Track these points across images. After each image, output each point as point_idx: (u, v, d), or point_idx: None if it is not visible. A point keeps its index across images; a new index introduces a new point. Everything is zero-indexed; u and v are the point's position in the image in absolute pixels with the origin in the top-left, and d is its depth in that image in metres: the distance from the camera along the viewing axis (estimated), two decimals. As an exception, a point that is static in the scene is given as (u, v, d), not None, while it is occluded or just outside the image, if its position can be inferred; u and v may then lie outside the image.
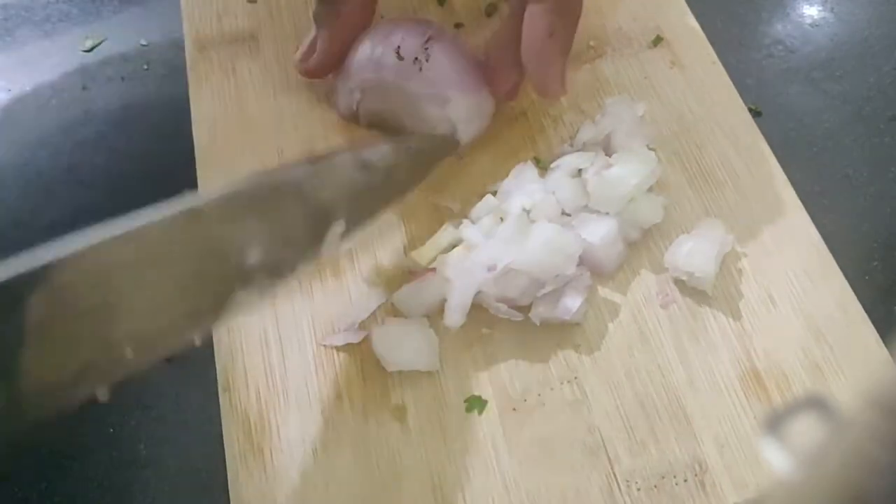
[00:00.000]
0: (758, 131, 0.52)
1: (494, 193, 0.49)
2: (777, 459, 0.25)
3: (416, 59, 0.48)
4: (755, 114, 0.54)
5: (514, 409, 0.43)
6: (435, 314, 0.46)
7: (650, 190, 0.48)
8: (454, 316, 0.45)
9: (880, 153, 0.56)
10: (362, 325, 0.46)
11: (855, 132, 0.57)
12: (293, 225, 0.36)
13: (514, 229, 0.46)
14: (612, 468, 0.42)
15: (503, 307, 0.44)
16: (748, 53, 0.60)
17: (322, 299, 0.47)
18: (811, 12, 0.63)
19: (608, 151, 0.50)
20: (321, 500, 0.41)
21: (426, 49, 0.48)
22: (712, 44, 0.56)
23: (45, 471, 0.48)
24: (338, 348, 0.45)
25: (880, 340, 0.44)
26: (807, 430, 0.25)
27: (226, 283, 0.33)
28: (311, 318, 0.46)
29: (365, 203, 0.41)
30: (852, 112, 0.58)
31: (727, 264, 0.47)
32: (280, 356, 0.45)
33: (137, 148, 0.59)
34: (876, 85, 0.59)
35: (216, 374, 0.45)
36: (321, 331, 0.46)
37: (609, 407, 0.43)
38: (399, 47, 0.48)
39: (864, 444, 0.22)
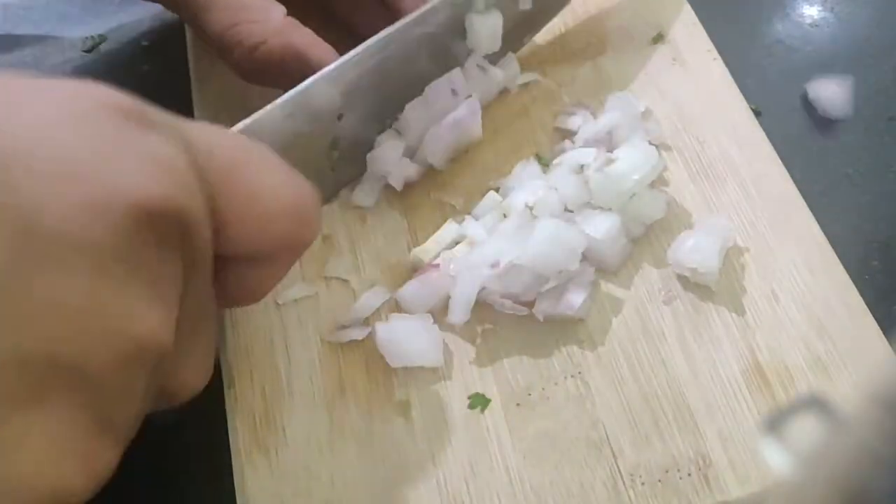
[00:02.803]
0: (758, 127, 0.52)
1: (497, 190, 0.50)
2: (777, 459, 0.25)
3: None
4: (755, 113, 0.54)
5: (518, 405, 0.43)
6: (439, 310, 0.46)
7: (652, 186, 0.48)
8: (458, 312, 0.45)
9: (880, 153, 0.56)
10: (366, 322, 0.46)
11: (855, 132, 0.57)
12: None
13: (517, 225, 0.46)
14: (616, 462, 0.42)
15: (508, 303, 0.45)
16: (748, 53, 0.60)
17: (326, 296, 0.47)
18: (811, 12, 0.63)
19: (610, 147, 0.50)
20: (326, 496, 0.41)
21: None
22: (712, 43, 0.56)
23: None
24: (342, 345, 0.45)
25: (882, 335, 0.45)
26: (807, 429, 0.25)
27: None
28: (315, 315, 0.46)
29: None
30: (852, 112, 0.58)
31: (729, 259, 0.47)
32: (285, 353, 0.45)
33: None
34: (876, 85, 0.59)
35: (220, 372, 0.45)
36: (325, 328, 0.46)
37: (613, 402, 0.43)
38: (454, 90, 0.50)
39: (867, 440, 0.22)
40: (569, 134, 0.52)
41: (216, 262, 0.31)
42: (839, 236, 0.48)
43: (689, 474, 0.41)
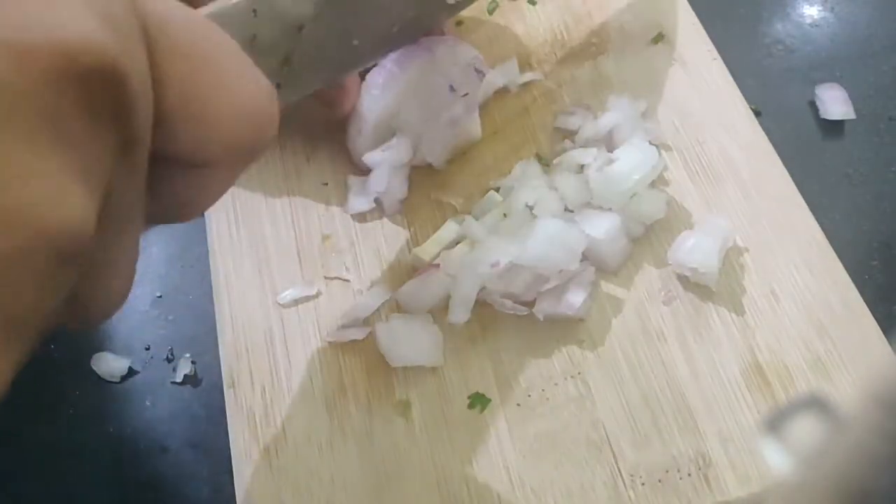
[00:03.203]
0: (758, 126, 0.52)
1: (497, 190, 0.50)
2: (777, 459, 0.25)
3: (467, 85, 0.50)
4: (755, 113, 0.54)
5: (519, 405, 0.43)
6: (439, 310, 0.46)
7: (652, 185, 0.48)
8: (458, 312, 0.45)
9: (880, 153, 0.56)
10: (366, 322, 0.46)
11: (854, 132, 0.57)
12: None
13: (518, 225, 0.46)
14: (616, 463, 0.42)
15: (508, 303, 0.45)
16: (748, 53, 0.61)
17: (326, 296, 0.47)
18: (811, 12, 0.63)
19: (610, 147, 0.50)
20: (326, 496, 0.41)
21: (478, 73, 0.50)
22: (712, 43, 0.56)
23: (45, 471, 0.48)
24: (342, 345, 0.45)
25: (882, 334, 0.45)
26: (807, 429, 0.25)
27: None
28: (315, 315, 0.46)
29: None
30: (852, 112, 0.58)
31: (729, 259, 0.47)
32: (285, 353, 0.45)
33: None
34: (875, 85, 0.59)
35: (221, 373, 0.45)
36: (326, 328, 0.46)
37: (613, 402, 0.43)
38: (451, 85, 0.49)
39: (866, 438, 0.22)
40: (569, 134, 0.52)
41: (149, 164, 0.26)
42: (839, 236, 0.48)
43: (689, 474, 0.41)
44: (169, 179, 0.28)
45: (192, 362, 0.49)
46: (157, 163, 0.26)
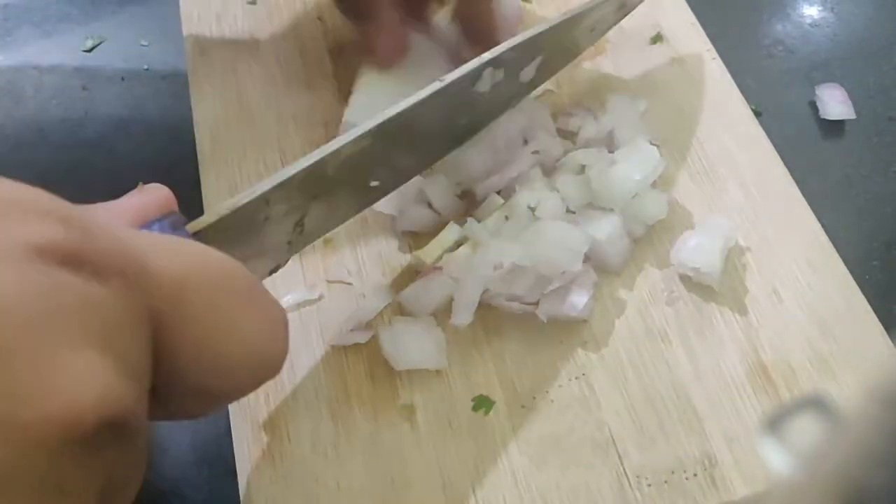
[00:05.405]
0: (758, 126, 0.52)
1: (499, 192, 0.49)
2: (777, 459, 0.25)
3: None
4: (755, 113, 0.54)
5: (523, 407, 0.43)
6: (442, 313, 0.46)
7: (654, 186, 0.48)
8: (461, 314, 0.44)
9: (880, 153, 0.57)
10: (369, 325, 0.46)
11: (854, 132, 0.57)
12: None
13: (520, 227, 0.46)
14: (622, 464, 0.42)
15: (516, 304, 0.44)
16: (748, 53, 0.61)
17: (329, 300, 0.47)
18: (811, 12, 0.63)
19: (611, 148, 0.50)
20: (332, 501, 0.41)
21: None
22: (712, 44, 0.56)
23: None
24: (345, 348, 0.45)
25: (885, 332, 0.45)
26: (807, 429, 0.25)
27: None
28: (318, 319, 0.46)
29: None
30: (852, 112, 0.58)
31: (731, 259, 0.47)
32: (288, 358, 0.45)
33: (138, 149, 0.59)
34: (875, 85, 0.59)
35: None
36: (329, 331, 0.46)
37: (617, 403, 0.43)
38: None
39: (867, 437, 0.22)
40: (570, 135, 0.52)
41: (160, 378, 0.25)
42: (839, 236, 0.49)
43: (696, 475, 0.41)
44: (179, 398, 0.27)
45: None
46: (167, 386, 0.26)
